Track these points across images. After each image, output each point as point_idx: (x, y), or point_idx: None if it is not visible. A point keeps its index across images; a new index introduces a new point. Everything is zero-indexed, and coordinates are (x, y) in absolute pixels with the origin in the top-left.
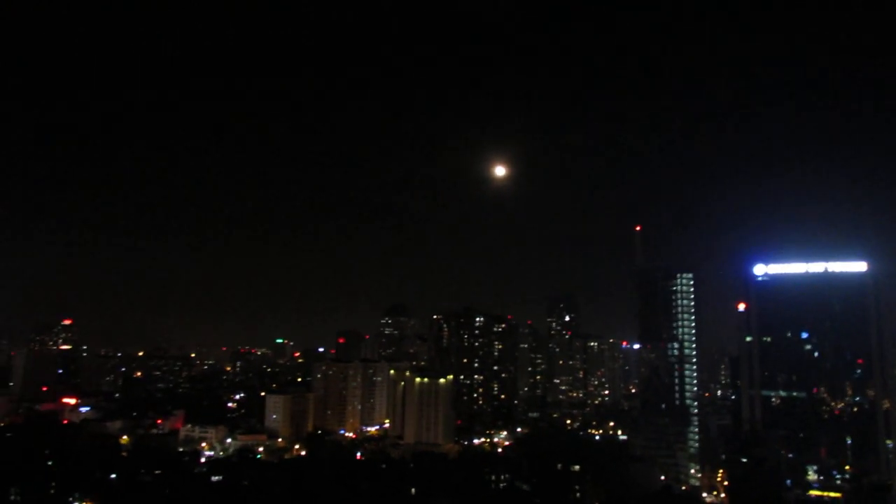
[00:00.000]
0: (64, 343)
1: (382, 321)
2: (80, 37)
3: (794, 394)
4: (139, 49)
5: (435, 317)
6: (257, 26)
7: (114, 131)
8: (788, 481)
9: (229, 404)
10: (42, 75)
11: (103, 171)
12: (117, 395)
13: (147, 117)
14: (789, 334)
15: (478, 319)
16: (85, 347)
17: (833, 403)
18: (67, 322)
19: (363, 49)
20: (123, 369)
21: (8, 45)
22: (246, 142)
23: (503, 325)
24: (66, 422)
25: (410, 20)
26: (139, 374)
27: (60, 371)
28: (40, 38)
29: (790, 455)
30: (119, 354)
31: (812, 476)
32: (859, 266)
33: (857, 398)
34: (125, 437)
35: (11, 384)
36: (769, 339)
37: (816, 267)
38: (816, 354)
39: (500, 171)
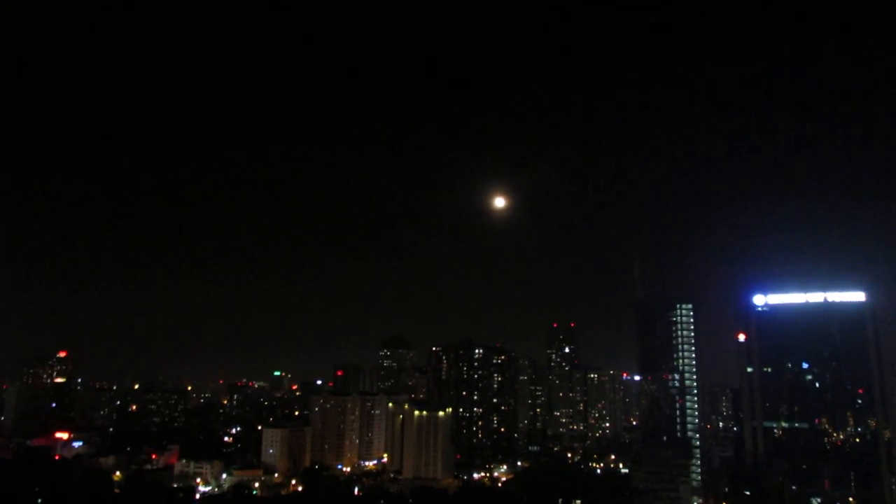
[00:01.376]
0: (58, 376)
1: (381, 353)
2: (77, 77)
3: (797, 425)
4: (140, 90)
5: (434, 349)
6: (259, 57)
7: (110, 166)
8: None
9: (226, 438)
10: (44, 117)
11: (98, 203)
12: (111, 429)
13: (143, 153)
14: (790, 364)
15: (477, 351)
16: (80, 380)
17: (835, 434)
18: (62, 354)
19: (360, 83)
20: (118, 403)
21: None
22: (241, 175)
23: (502, 357)
24: (58, 457)
25: (408, 54)
26: (134, 407)
27: (54, 405)
28: (40, 78)
29: (794, 487)
30: (114, 388)
31: None
32: (858, 296)
33: (859, 428)
34: (118, 472)
35: (2, 418)
36: (770, 370)
37: (815, 297)
38: (817, 385)
39: (499, 203)
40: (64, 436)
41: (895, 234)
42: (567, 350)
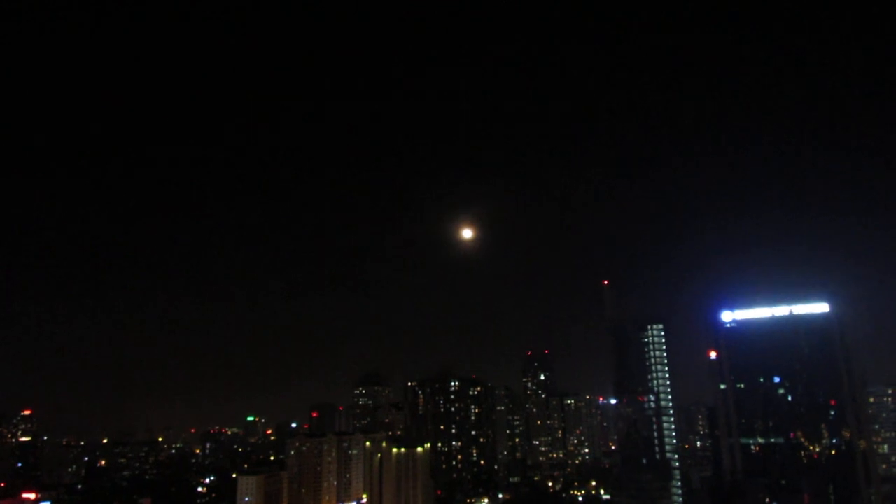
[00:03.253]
0: (23, 434)
1: (356, 391)
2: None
3: (772, 440)
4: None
5: (409, 384)
6: (220, 85)
7: (69, 208)
8: None
9: (199, 489)
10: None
11: (60, 249)
12: (80, 486)
13: (101, 190)
14: (762, 379)
15: (453, 384)
16: (45, 438)
17: (811, 447)
18: (27, 412)
19: (328, 111)
20: (87, 459)
21: None
22: (205, 214)
23: (479, 389)
24: None
25: (377, 81)
26: (103, 462)
27: (19, 464)
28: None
29: (774, 503)
30: (82, 443)
31: None
32: (822, 307)
33: (834, 440)
34: None
35: None
36: (743, 386)
37: (781, 310)
38: (790, 398)
39: (468, 234)
40: (31, 496)
41: (854, 245)
42: (543, 377)
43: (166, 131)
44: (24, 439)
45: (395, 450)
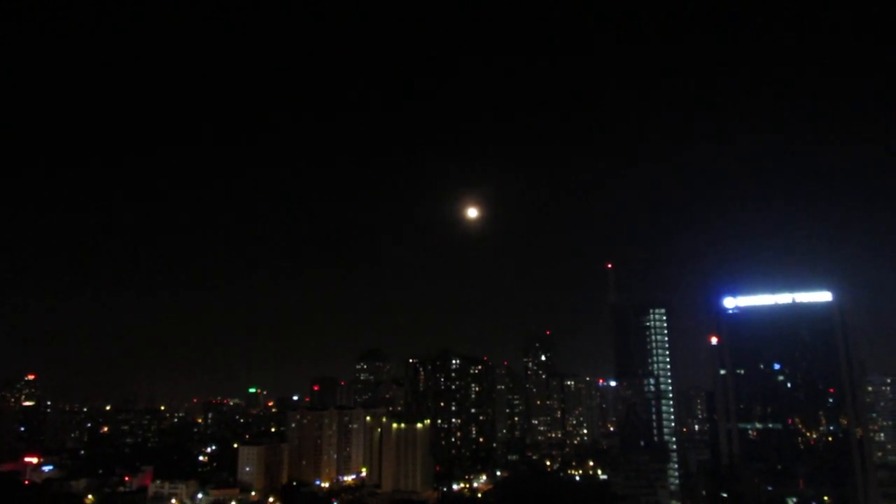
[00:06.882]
0: (27, 399)
1: (358, 366)
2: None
3: (770, 425)
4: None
5: (411, 360)
6: (231, 68)
7: (75, 184)
8: None
9: (200, 458)
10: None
11: (66, 221)
12: (83, 451)
13: (109, 168)
14: (762, 366)
15: (454, 362)
16: (49, 403)
17: (808, 434)
18: (31, 377)
19: (336, 91)
20: (89, 425)
21: None
22: (210, 190)
23: (479, 367)
24: (27, 482)
25: (384, 63)
26: (106, 429)
27: (23, 428)
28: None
29: (769, 488)
30: (85, 409)
31: None
32: (825, 296)
33: (831, 427)
34: (90, 496)
35: None
36: (742, 372)
37: (784, 298)
38: (789, 385)
39: (473, 213)
40: (34, 460)
41: (858, 235)
42: (543, 358)
43: (180, 113)
44: (27, 403)
45: (395, 425)
